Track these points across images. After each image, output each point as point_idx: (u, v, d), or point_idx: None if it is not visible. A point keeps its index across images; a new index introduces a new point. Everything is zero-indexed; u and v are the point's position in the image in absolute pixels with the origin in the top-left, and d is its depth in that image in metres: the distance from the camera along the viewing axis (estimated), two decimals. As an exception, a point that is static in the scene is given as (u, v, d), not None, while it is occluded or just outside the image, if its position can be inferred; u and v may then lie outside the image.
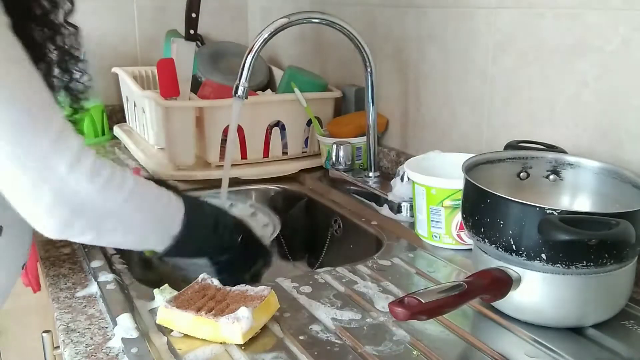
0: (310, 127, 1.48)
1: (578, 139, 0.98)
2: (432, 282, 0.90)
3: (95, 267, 0.93)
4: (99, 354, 0.71)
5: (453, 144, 1.23)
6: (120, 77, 1.72)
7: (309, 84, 1.49)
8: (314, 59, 1.71)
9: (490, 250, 0.78)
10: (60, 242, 1.04)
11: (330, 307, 0.82)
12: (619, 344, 0.73)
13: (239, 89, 1.09)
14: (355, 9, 1.48)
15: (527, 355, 0.71)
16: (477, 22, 1.14)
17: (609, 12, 0.91)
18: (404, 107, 1.37)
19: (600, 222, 0.69)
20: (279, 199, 1.40)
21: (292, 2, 1.75)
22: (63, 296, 0.86)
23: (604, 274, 0.72)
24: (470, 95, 1.18)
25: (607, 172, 0.85)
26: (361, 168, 1.37)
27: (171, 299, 0.77)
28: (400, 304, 0.65)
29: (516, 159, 0.91)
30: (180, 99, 1.42)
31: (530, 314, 0.76)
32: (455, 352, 0.73)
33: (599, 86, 0.94)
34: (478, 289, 0.72)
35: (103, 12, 1.86)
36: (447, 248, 1.01)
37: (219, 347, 0.73)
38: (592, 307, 0.75)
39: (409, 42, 1.32)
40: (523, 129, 1.07)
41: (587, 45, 0.94)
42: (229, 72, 1.63)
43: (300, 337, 0.74)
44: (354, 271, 0.92)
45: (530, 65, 1.04)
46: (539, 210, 0.71)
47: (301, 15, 1.15)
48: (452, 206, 0.98)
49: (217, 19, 2.00)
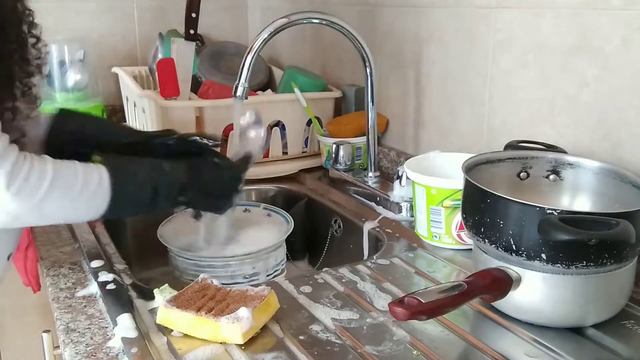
0: (310, 127, 1.48)
1: (578, 139, 0.98)
2: (432, 282, 0.90)
3: (95, 267, 0.93)
4: (99, 354, 0.71)
5: (453, 144, 1.23)
6: (120, 77, 1.72)
7: (309, 84, 1.49)
8: (314, 59, 1.71)
9: (490, 250, 0.78)
10: (60, 242, 1.04)
11: (330, 307, 0.82)
12: (619, 344, 0.73)
13: (239, 89, 1.09)
14: (355, 9, 1.48)
15: (527, 355, 0.71)
16: (477, 22, 1.14)
17: (609, 12, 0.91)
18: (404, 107, 1.37)
19: (600, 222, 0.69)
20: (279, 199, 1.40)
21: (292, 2, 1.75)
22: (63, 296, 0.86)
23: (604, 274, 0.72)
24: (470, 95, 1.18)
25: (607, 172, 0.85)
26: (361, 168, 1.37)
27: (171, 299, 0.77)
28: (400, 304, 0.65)
29: (516, 159, 0.91)
30: (180, 99, 1.42)
31: (530, 314, 0.76)
32: (455, 352, 0.73)
33: (599, 86, 0.94)
34: (478, 289, 0.72)
35: (103, 12, 1.86)
36: (447, 248, 1.01)
37: (219, 347, 0.73)
38: (592, 307, 0.75)
39: (409, 42, 1.32)
40: (523, 129, 1.07)
41: (587, 45, 0.94)
42: (229, 72, 1.63)
43: (300, 337, 0.74)
44: (354, 271, 0.92)
45: (530, 65, 1.04)
46: (539, 210, 0.71)
47: (301, 15, 1.15)
48: (452, 206, 0.98)
49: (217, 19, 2.00)
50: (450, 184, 0.97)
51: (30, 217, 0.73)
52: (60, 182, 0.74)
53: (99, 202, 0.78)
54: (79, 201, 0.76)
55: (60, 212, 0.76)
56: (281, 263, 1.08)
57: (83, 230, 1.08)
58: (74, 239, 1.05)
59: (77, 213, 0.78)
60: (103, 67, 1.80)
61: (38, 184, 0.72)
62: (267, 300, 0.77)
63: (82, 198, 0.76)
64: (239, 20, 2.05)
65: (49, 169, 0.73)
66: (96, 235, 1.07)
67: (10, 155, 0.70)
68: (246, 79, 1.09)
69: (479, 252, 0.81)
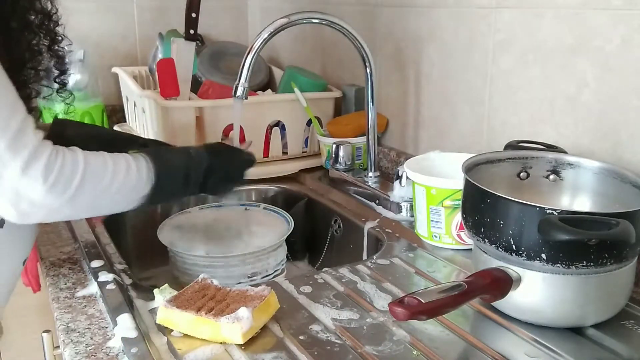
0: (310, 127, 1.48)
1: (578, 139, 0.98)
2: (432, 282, 0.90)
3: (95, 267, 0.93)
4: (99, 354, 0.71)
5: (453, 144, 1.23)
6: (120, 77, 1.72)
7: (308, 84, 1.49)
8: (314, 59, 1.71)
9: (490, 250, 0.78)
10: (60, 242, 1.04)
11: (330, 307, 0.82)
12: (619, 344, 0.73)
13: (239, 89, 1.09)
14: (355, 9, 1.48)
15: (527, 355, 0.71)
16: (477, 22, 1.14)
17: (609, 12, 0.91)
18: (404, 107, 1.37)
19: (600, 222, 0.69)
20: (279, 199, 1.40)
21: (292, 2, 1.75)
22: (63, 296, 0.86)
23: (604, 274, 0.72)
24: (470, 95, 1.18)
25: (607, 172, 0.85)
26: (361, 168, 1.37)
27: (171, 299, 0.77)
28: (400, 304, 0.65)
29: (516, 159, 0.91)
30: (180, 99, 1.42)
31: (530, 314, 0.76)
32: (455, 352, 0.73)
33: (599, 86, 0.94)
34: (478, 289, 0.72)
35: (103, 12, 1.86)
36: (447, 248, 1.01)
37: (219, 347, 0.73)
38: (592, 307, 0.75)
39: (409, 42, 1.32)
40: (523, 129, 1.07)
41: (587, 45, 0.94)
42: (229, 72, 1.63)
43: (300, 337, 0.74)
44: (354, 271, 0.92)
45: (530, 65, 1.04)
46: (539, 210, 0.71)
47: (301, 15, 1.15)
48: (452, 206, 0.98)
49: (217, 19, 2.00)
50: (450, 184, 0.97)
51: (66, 209, 0.73)
52: (92, 173, 0.74)
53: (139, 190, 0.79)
54: (113, 191, 0.76)
55: (96, 203, 0.76)
56: (281, 263, 1.08)
57: (83, 230, 1.08)
58: (74, 239, 1.05)
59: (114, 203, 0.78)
60: (103, 67, 1.80)
61: (71, 176, 0.72)
62: (267, 300, 0.77)
63: (119, 188, 0.77)
64: (239, 20, 2.05)
65: (80, 160, 0.73)
66: (96, 235, 1.07)
67: (46, 150, 0.70)
68: (246, 79, 1.09)
69: (479, 252, 0.81)
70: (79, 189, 0.72)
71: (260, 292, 0.78)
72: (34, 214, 0.71)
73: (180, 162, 0.86)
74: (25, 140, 0.68)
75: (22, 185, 0.68)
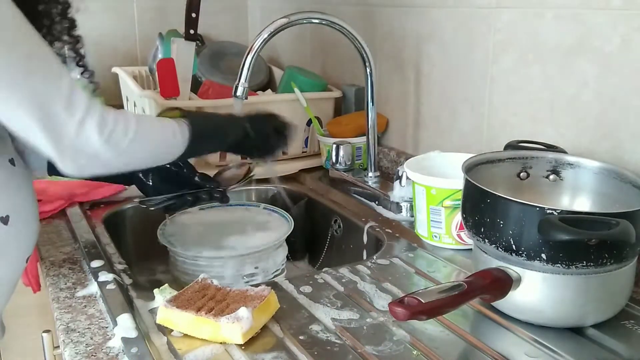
0: (310, 127, 1.48)
1: (578, 139, 0.98)
2: (432, 282, 0.90)
3: (95, 267, 0.93)
4: (99, 354, 0.71)
5: (453, 144, 1.23)
6: (120, 77, 1.72)
7: (308, 84, 1.49)
8: (314, 59, 1.71)
9: (490, 250, 0.78)
10: (60, 242, 1.04)
11: (330, 307, 0.82)
12: (619, 344, 0.73)
13: (239, 89, 1.09)
14: (355, 9, 1.48)
15: (527, 355, 0.71)
16: (477, 22, 1.14)
17: (609, 12, 0.91)
18: (404, 107, 1.37)
19: (600, 222, 0.69)
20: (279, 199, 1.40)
21: (292, 2, 1.75)
22: (63, 296, 0.86)
23: (604, 274, 0.72)
24: (470, 95, 1.18)
25: (607, 172, 0.85)
26: (361, 168, 1.37)
27: (171, 299, 0.77)
28: (400, 303, 0.65)
29: (516, 159, 0.91)
30: (180, 99, 1.42)
31: (530, 314, 0.76)
32: (455, 352, 0.73)
33: (599, 86, 0.94)
34: (478, 289, 0.72)
35: (103, 12, 1.86)
36: (447, 248, 1.01)
37: (219, 347, 0.73)
38: (592, 307, 0.75)
39: (409, 42, 1.32)
40: (523, 129, 1.07)
41: (587, 45, 0.94)
42: (229, 72, 1.63)
43: (300, 337, 0.74)
44: (354, 271, 0.92)
45: (530, 65, 1.04)
46: (539, 210, 0.71)
47: (301, 15, 1.15)
48: (452, 206, 0.98)
49: (217, 19, 2.00)
50: (450, 184, 0.97)
51: (118, 162, 0.77)
52: (143, 128, 0.79)
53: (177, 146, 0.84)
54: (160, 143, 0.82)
55: (145, 155, 0.81)
56: (281, 263, 1.08)
57: (83, 230, 1.08)
58: (74, 239, 1.05)
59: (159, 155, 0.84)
60: (103, 67, 1.80)
61: (125, 130, 0.76)
62: (267, 300, 0.77)
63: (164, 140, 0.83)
64: (239, 20, 2.05)
65: (131, 118, 0.78)
66: (96, 235, 1.07)
67: (97, 106, 0.74)
68: (246, 79, 1.09)
69: (479, 252, 0.81)
70: (132, 143, 0.76)
71: (260, 292, 0.78)
72: (90, 166, 0.75)
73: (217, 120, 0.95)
74: (78, 100, 0.72)
75: (81, 140, 0.72)
